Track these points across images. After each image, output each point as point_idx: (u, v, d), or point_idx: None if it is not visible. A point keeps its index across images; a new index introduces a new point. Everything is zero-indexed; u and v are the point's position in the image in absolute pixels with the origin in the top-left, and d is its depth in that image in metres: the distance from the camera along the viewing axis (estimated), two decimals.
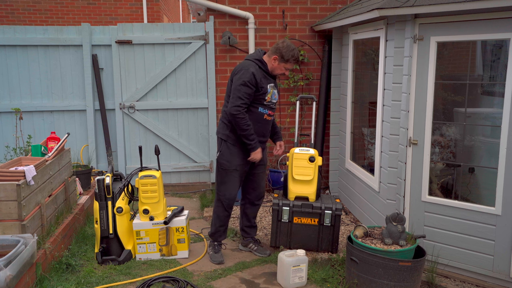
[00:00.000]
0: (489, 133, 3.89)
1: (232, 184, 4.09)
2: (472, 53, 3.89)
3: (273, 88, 4.03)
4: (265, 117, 4.03)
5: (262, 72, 3.96)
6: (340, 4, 5.88)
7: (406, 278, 3.30)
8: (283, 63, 3.96)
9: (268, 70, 3.99)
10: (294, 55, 3.94)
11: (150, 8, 11.16)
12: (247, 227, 4.40)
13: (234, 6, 5.76)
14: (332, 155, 5.91)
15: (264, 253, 4.29)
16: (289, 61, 3.95)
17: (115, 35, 6.00)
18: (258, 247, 4.34)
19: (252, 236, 4.41)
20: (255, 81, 3.86)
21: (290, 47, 3.94)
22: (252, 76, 3.84)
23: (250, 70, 3.86)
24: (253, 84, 3.86)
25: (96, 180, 4.10)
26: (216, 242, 4.28)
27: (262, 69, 3.96)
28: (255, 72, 3.86)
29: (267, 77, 4.00)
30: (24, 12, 10.66)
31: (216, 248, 4.26)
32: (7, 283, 2.84)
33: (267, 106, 4.02)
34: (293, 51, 3.94)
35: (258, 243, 4.40)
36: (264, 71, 3.98)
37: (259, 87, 3.90)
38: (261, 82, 3.90)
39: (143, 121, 6.17)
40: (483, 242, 3.65)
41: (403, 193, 4.02)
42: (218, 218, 4.21)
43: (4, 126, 6.01)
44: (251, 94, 3.88)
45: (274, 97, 4.06)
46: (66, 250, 4.07)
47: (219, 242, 4.29)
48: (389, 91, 4.15)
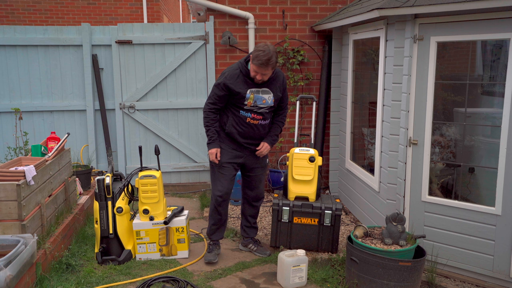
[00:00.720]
0: (489, 133, 3.89)
1: (220, 181, 4.09)
2: (472, 53, 3.89)
3: (256, 93, 3.91)
4: (249, 120, 3.97)
5: (242, 75, 3.90)
6: (340, 4, 5.87)
7: (406, 278, 3.30)
8: (252, 65, 3.83)
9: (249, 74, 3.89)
10: (258, 56, 3.72)
11: (150, 8, 11.16)
12: (246, 227, 4.42)
13: (234, 6, 5.76)
14: (332, 155, 5.91)
15: (264, 253, 4.29)
16: (253, 63, 3.77)
17: (115, 35, 6.00)
18: (258, 248, 4.35)
19: (252, 237, 4.41)
20: (225, 85, 3.87)
21: (260, 48, 3.76)
22: (221, 84, 3.90)
23: (222, 79, 3.91)
24: (223, 88, 3.89)
25: (96, 180, 4.10)
26: (212, 242, 4.29)
27: (242, 72, 3.90)
28: (227, 81, 3.87)
29: (248, 81, 3.91)
30: (24, 12, 10.66)
31: (210, 247, 4.26)
32: (7, 283, 2.84)
33: (251, 110, 3.95)
34: (259, 53, 3.72)
35: (258, 243, 4.40)
36: (245, 74, 3.90)
37: (232, 92, 3.88)
38: (237, 87, 3.87)
39: (143, 121, 6.17)
40: (483, 242, 3.65)
41: (403, 193, 4.02)
42: (211, 216, 4.24)
43: (4, 126, 6.01)
44: (222, 96, 3.92)
45: (262, 102, 3.94)
46: (66, 250, 4.07)
47: (214, 241, 4.28)
48: (389, 91, 4.15)
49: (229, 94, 3.92)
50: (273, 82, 4.00)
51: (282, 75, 4.12)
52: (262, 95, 3.95)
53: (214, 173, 4.13)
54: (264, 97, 3.96)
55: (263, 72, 3.81)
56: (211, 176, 4.20)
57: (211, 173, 4.20)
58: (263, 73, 3.82)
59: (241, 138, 4.03)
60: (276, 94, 4.01)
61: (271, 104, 4.00)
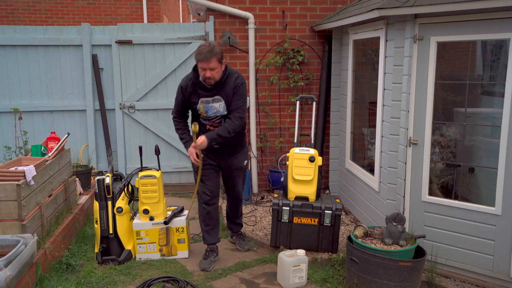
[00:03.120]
0: (489, 133, 3.89)
1: (204, 183, 4.09)
2: (472, 53, 3.89)
3: (206, 103, 3.88)
4: (208, 127, 3.99)
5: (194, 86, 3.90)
6: (340, 4, 5.87)
7: (406, 278, 3.30)
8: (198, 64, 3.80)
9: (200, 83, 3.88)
10: (199, 51, 3.72)
11: (150, 8, 11.16)
12: (231, 223, 4.57)
13: (234, 6, 5.76)
14: (332, 155, 5.91)
15: (242, 247, 4.44)
16: (197, 60, 3.76)
17: (115, 35, 6.00)
18: (239, 241, 4.51)
19: (236, 231, 4.58)
20: (182, 94, 3.96)
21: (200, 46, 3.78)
22: (179, 89, 3.99)
23: (182, 83, 3.98)
24: (181, 97, 3.98)
25: (96, 180, 4.10)
26: (208, 248, 4.19)
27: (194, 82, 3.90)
28: (183, 86, 3.95)
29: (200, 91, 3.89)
30: (24, 12, 10.66)
31: (207, 253, 4.16)
32: (7, 283, 2.84)
33: (206, 118, 3.97)
34: (200, 48, 3.75)
35: (241, 237, 4.55)
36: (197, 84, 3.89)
37: (187, 99, 3.95)
38: (191, 95, 3.92)
39: (143, 121, 6.17)
40: (483, 242, 3.65)
41: (403, 193, 4.02)
42: (201, 220, 4.19)
43: (4, 126, 6.01)
44: (181, 102, 4.00)
45: (213, 111, 3.89)
46: (66, 250, 4.07)
47: (210, 247, 4.18)
48: (389, 91, 4.15)
49: (187, 101, 3.97)
50: (225, 87, 3.88)
51: (236, 77, 3.93)
52: (212, 104, 3.89)
53: (196, 173, 4.11)
54: (215, 105, 3.89)
55: (210, 66, 3.71)
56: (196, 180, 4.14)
57: (194, 176, 4.19)
58: (209, 67, 3.72)
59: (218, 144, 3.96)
60: (227, 101, 3.89)
61: (224, 112, 3.91)
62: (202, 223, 4.18)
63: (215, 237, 4.19)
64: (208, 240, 4.17)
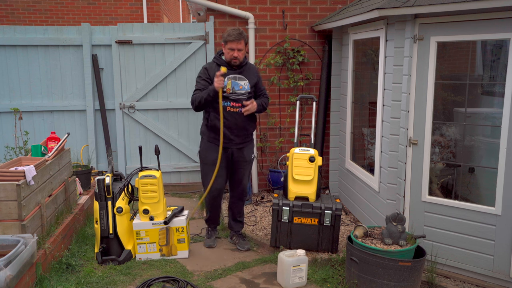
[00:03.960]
0: (489, 133, 3.89)
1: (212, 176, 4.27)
2: (472, 53, 3.89)
3: (233, 79, 4.19)
4: (229, 109, 4.18)
5: (218, 66, 4.19)
6: (340, 4, 5.87)
7: (406, 278, 3.30)
8: (226, 45, 4.15)
9: (225, 63, 4.20)
10: (230, 33, 4.12)
11: (150, 8, 11.16)
12: (232, 220, 4.64)
13: (234, 6, 5.76)
14: (332, 155, 5.91)
15: (242, 246, 4.46)
16: (228, 41, 4.13)
17: (115, 35, 6.00)
18: (239, 241, 4.54)
19: (236, 230, 4.64)
20: (207, 73, 4.21)
21: (228, 29, 4.19)
22: (204, 70, 4.25)
23: (205, 65, 4.32)
24: (206, 75, 4.21)
25: (96, 180, 4.10)
26: (210, 228, 4.63)
27: (218, 63, 4.23)
28: (208, 67, 4.26)
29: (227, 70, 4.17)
30: (24, 12, 10.66)
31: (209, 233, 4.62)
32: (7, 283, 2.84)
33: (228, 98, 4.17)
34: (230, 30, 4.15)
35: (241, 237, 4.59)
36: (221, 64, 4.20)
37: (212, 79, 4.12)
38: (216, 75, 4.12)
39: (143, 121, 6.17)
40: (483, 242, 3.65)
41: (403, 193, 4.02)
42: (207, 207, 4.60)
43: (4, 126, 6.01)
44: (205, 84, 4.19)
45: (239, 87, 4.20)
46: (66, 250, 4.07)
47: (211, 227, 4.63)
48: (389, 91, 4.15)
49: (212, 80, 4.12)
50: (247, 70, 4.29)
51: (254, 66, 4.46)
52: (238, 82, 4.21)
53: (206, 168, 4.36)
54: (241, 83, 4.22)
55: (238, 47, 4.12)
56: (202, 174, 4.46)
57: (201, 169, 4.45)
58: (238, 48, 4.11)
59: (226, 128, 4.18)
60: (251, 81, 4.28)
61: (248, 89, 4.25)
62: (209, 207, 4.56)
63: (217, 220, 4.65)
64: (210, 222, 4.64)
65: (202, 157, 4.41)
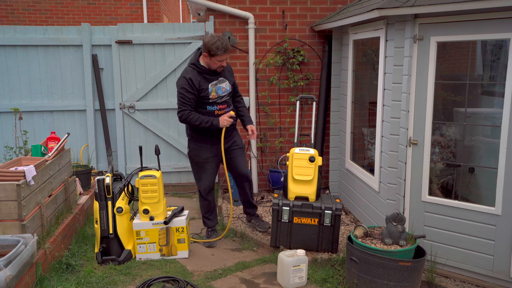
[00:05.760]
0: (489, 133, 3.89)
1: (205, 174, 4.46)
2: (472, 53, 3.89)
3: (215, 85, 4.22)
4: (216, 112, 4.29)
5: (200, 74, 4.16)
6: (340, 4, 5.87)
7: (406, 278, 3.30)
8: (214, 57, 4.08)
9: (206, 70, 4.18)
10: (218, 47, 4.00)
11: (150, 8, 11.16)
12: (246, 207, 4.80)
13: (234, 6, 5.76)
14: (332, 155, 5.91)
15: (263, 227, 4.68)
16: (216, 54, 4.04)
17: (115, 35, 6.00)
18: (259, 222, 4.75)
19: (252, 214, 4.82)
20: (193, 86, 4.10)
21: (213, 40, 4.02)
22: (188, 81, 4.10)
23: (187, 76, 4.12)
24: (192, 89, 4.11)
25: (96, 180, 4.10)
26: (209, 229, 4.67)
27: (199, 71, 4.16)
28: (192, 77, 4.11)
29: (207, 77, 4.19)
30: (24, 12, 10.66)
31: (208, 233, 4.66)
32: (7, 283, 2.84)
33: (215, 103, 4.26)
34: (217, 43, 4.00)
35: (259, 219, 4.80)
36: (203, 72, 4.17)
37: (199, 90, 4.14)
38: (200, 85, 4.14)
39: (143, 121, 6.17)
40: (483, 242, 3.65)
41: (403, 193, 4.02)
42: (202, 207, 4.64)
43: (4, 126, 6.01)
44: (192, 97, 4.14)
45: (222, 91, 4.27)
46: (66, 250, 4.07)
47: (211, 228, 4.67)
48: (389, 91, 4.15)
49: (197, 94, 4.16)
50: (225, 71, 4.34)
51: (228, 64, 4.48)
52: (220, 85, 4.28)
53: (198, 168, 4.47)
54: (222, 85, 4.30)
55: (225, 58, 4.15)
56: (193, 171, 4.55)
57: (193, 169, 4.54)
58: (225, 58, 4.15)
59: (216, 132, 4.30)
60: (230, 80, 4.38)
61: (229, 89, 4.38)
62: (202, 210, 4.64)
63: (215, 220, 4.69)
64: (209, 224, 4.66)
65: (192, 157, 4.48)
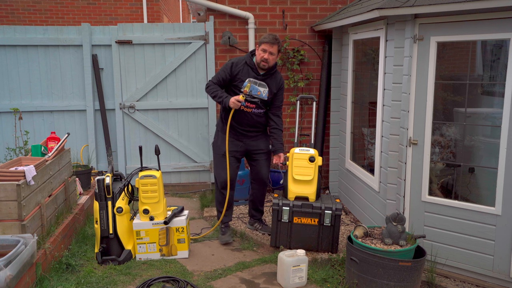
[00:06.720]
0: (489, 133, 3.89)
1: (223, 167, 4.47)
2: (472, 53, 3.89)
3: (254, 83, 4.26)
4: (242, 108, 4.31)
5: (246, 65, 4.31)
6: (340, 4, 5.87)
7: (406, 278, 3.30)
8: (260, 46, 4.26)
9: (253, 65, 4.31)
10: (266, 37, 4.24)
11: (150, 8, 11.16)
12: (253, 209, 4.80)
13: (234, 6, 5.76)
14: (332, 155, 5.91)
15: (267, 230, 4.67)
16: (262, 42, 4.23)
17: (115, 35, 6.00)
18: (262, 226, 4.77)
19: (258, 218, 4.82)
20: (230, 69, 4.29)
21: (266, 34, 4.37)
22: (231, 64, 4.31)
23: (234, 60, 4.36)
24: (229, 71, 4.29)
25: (96, 180, 4.10)
26: (223, 225, 4.66)
27: (247, 61, 4.33)
28: (236, 63, 4.32)
29: (251, 72, 4.31)
30: (24, 12, 10.66)
31: (223, 229, 4.65)
32: (7, 283, 2.84)
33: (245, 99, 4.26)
34: (266, 35, 4.30)
35: (263, 223, 4.81)
36: (249, 64, 4.32)
37: (234, 76, 4.29)
38: (238, 73, 4.29)
39: (143, 121, 6.17)
40: (483, 242, 3.65)
41: (403, 193, 4.02)
42: (217, 200, 4.64)
43: (4, 126, 6.01)
44: (224, 78, 4.31)
45: (257, 93, 4.27)
46: (66, 250, 4.07)
47: (225, 224, 4.66)
48: (389, 91, 4.15)
49: (230, 80, 4.30)
50: (271, 78, 4.37)
51: (281, 76, 4.50)
52: (258, 87, 4.28)
53: (218, 159, 4.52)
54: (260, 89, 4.29)
55: (271, 50, 4.19)
56: (214, 166, 4.59)
57: (214, 163, 4.58)
58: (270, 51, 4.19)
59: (237, 124, 4.39)
60: (271, 91, 4.36)
61: (265, 98, 4.33)
62: (217, 204, 4.64)
63: (230, 217, 4.69)
64: (225, 219, 4.64)
65: (214, 148, 4.59)
